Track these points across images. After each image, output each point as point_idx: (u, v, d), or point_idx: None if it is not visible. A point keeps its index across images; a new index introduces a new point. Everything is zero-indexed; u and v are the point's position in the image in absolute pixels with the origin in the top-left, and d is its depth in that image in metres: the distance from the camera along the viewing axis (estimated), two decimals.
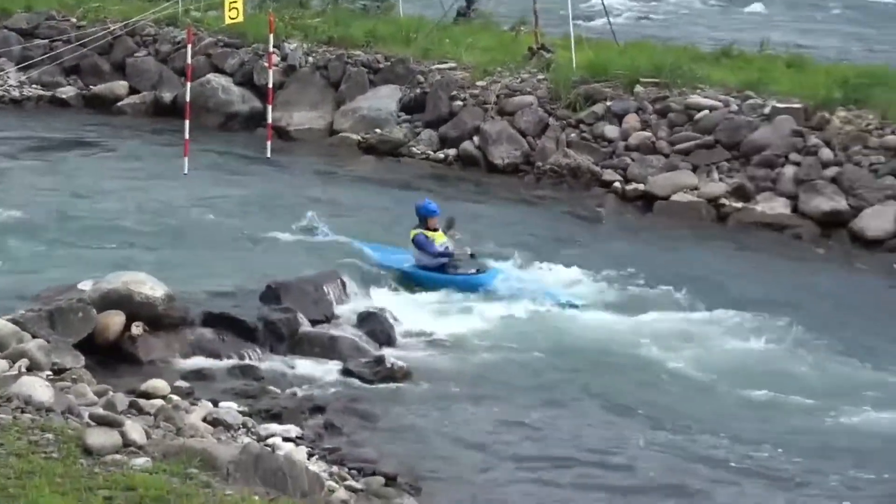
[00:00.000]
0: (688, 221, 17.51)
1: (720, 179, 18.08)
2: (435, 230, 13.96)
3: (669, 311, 13.90)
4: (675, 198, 17.83)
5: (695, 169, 18.21)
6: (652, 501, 9.74)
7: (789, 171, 17.52)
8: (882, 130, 17.50)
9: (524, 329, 13.51)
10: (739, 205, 17.56)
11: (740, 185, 17.67)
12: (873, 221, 16.57)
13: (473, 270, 13.81)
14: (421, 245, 13.84)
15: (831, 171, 17.18)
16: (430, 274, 13.90)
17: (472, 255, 14.03)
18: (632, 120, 19.11)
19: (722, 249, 16.82)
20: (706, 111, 18.78)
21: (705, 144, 18.38)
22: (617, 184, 18.45)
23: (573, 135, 19.41)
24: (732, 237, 17.22)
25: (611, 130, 19.20)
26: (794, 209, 17.25)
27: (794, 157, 17.65)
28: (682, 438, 10.99)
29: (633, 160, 18.75)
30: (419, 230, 13.92)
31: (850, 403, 11.87)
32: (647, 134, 18.97)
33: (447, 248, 13.90)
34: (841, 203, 16.83)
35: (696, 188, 17.99)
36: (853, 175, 16.97)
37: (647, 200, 18.09)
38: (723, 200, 17.72)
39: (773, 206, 17.36)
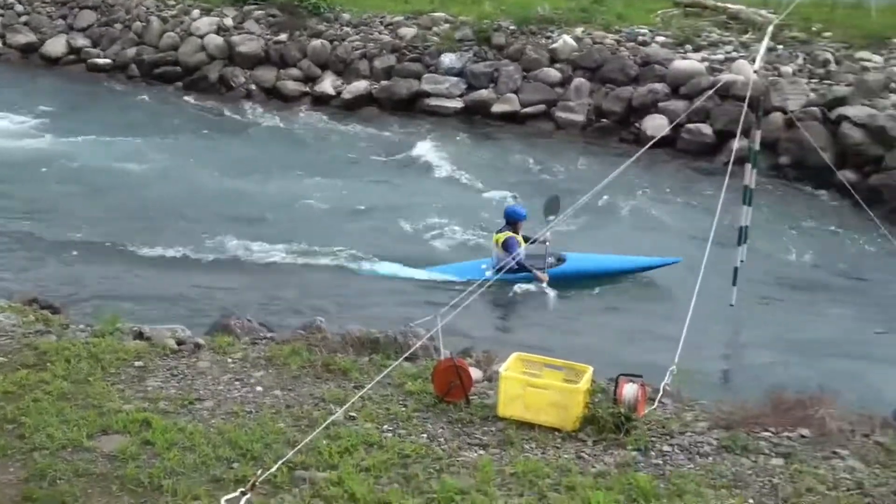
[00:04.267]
0: None
1: None
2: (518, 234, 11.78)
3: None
4: None
5: None
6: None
7: None
8: None
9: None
10: None
11: None
12: (52, 47, 20.86)
13: (550, 263, 11.75)
14: (510, 248, 11.45)
15: (24, 19, 21.44)
16: (512, 276, 11.42)
17: (544, 241, 11.56)
18: None
19: None
20: None
21: None
22: None
23: None
24: None
25: None
26: (5, 43, 21.14)
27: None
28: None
29: None
30: (508, 233, 11.68)
31: None
32: None
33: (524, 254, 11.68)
34: (32, 37, 21.27)
35: None
36: (37, 20, 21.59)
37: None
38: None
39: None
